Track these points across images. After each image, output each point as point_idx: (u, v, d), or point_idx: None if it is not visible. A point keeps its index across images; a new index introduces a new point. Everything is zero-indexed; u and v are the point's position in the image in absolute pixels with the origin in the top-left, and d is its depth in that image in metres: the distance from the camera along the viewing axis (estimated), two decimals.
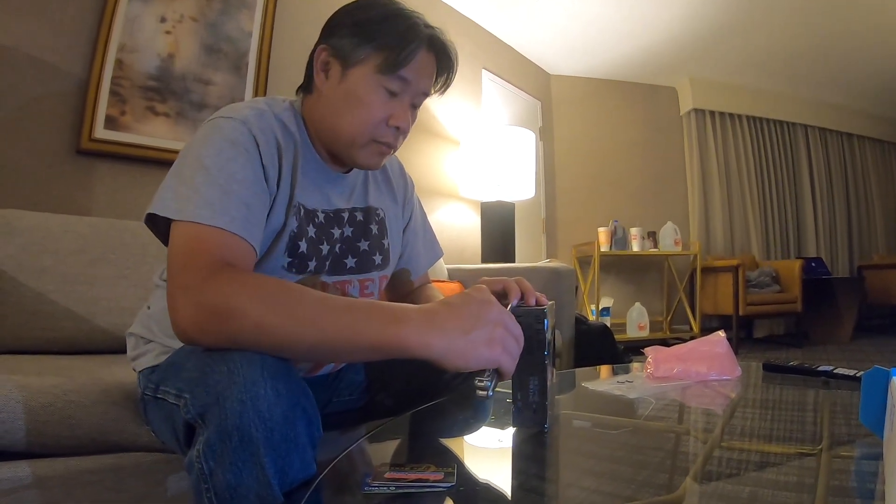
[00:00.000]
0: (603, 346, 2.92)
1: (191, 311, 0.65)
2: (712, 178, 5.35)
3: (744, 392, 1.06)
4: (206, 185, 0.74)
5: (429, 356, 0.66)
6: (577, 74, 5.04)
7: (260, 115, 0.85)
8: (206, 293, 0.65)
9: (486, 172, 3.25)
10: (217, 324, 0.64)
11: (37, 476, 1.04)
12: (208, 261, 0.69)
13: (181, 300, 0.66)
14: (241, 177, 0.77)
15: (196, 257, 0.69)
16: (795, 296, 4.68)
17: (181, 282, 0.68)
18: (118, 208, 2.11)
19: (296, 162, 0.89)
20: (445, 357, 0.66)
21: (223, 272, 0.68)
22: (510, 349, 0.68)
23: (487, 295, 0.71)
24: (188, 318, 0.65)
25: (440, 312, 0.68)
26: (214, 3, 2.42)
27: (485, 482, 0.63)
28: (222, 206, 0.73)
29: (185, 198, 0.73)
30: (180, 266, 0.69)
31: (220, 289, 0.65)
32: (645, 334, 4.40)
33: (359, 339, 0.65)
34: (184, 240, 0.72)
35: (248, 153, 0.80)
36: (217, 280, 0.66)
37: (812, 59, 4.85)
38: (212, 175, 0.75)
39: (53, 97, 2.02)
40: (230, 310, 0.63)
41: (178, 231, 0.73)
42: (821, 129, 5.95)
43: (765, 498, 0.52)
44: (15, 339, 1.52)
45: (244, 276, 0.69)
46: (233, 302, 0.64)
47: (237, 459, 0.59)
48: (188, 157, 0.78)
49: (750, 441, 0.75)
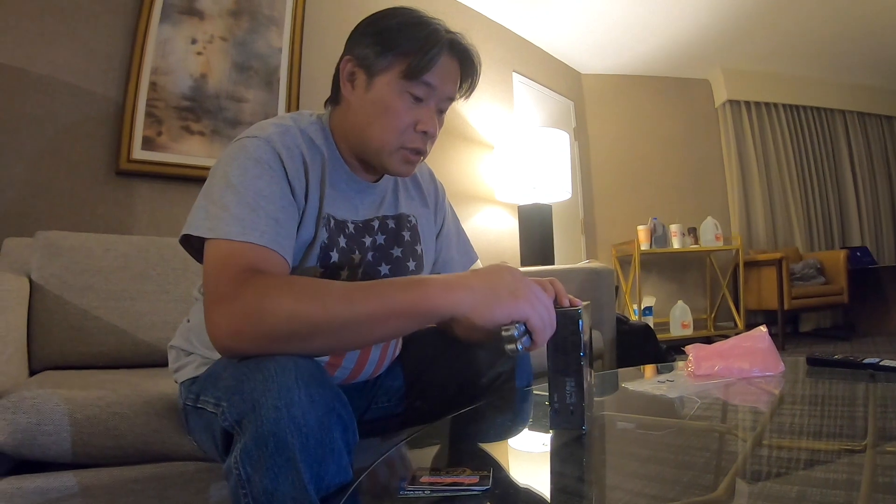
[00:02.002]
0: (645, 346, 2.89)
1: (226, 321, 0.67)
2: (751, 170, 5.23)
3: (787, 388, 1.02)
4: (234, 203, 0.76)
5: (456, 313, 0.68)
6: (607, 72, 4.99)
7: (285, 132, 0.87)
8: (239, 299, 0.67)
9: (522, 175, 3.24)
10: (252, 325, 0.65)
11: (83, 486, 1.07)
12: (239, 272, 0.71)
13: (216, 312, 0.68)
14: (268, 193, 0.79)
15: (228, 270, 0.71)
16: (841, 287, 4.53)
17: (215, 295, 0.70)
18: (158, 226, 2.17)
19: (323, 174, 0.91)
20: (472, 312, 0.69)
21: (253, 278, 0.70)
22: (539, 308, 0.71)
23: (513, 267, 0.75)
24: (224, 327, 0.67)
25: (465, 275, 0.73)
26: (243, 22, 2.47)
27: (521, 485, 0.62)
28: (252, 223, 0.75)
29: (216, 216, 0.76)
30: (214, 281, 0.72)
31: (252, 292, 0.67)
32: (689, 333, 4.31)
33: (387, 308, 0.67)
34: (216, 257, 0.74)
35: (273, 170, 0.82)
36: (248, 286, 0.68)
37: (845, 41, 4.71)
38: (239, 193, 0.77)
39: (91, 121, 2.09)
40: (262, 309, 0.65)
41: (211, 249, 0.75)
42: (859, 113, 5.76)
43: (813, 497, 0.50)
44: (61, 356, 1.57)
45: (273, 278, 0.71)
46: (265, 301, 0.66)
47: (273, 465, 0.59)
48: (216, 177, 0.81)
49: (795, 438, 0.72)
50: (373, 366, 1.01)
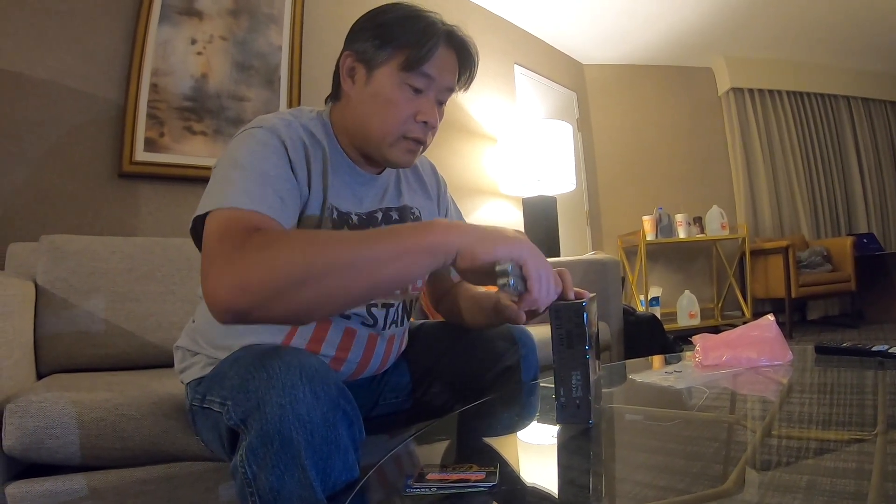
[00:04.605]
0: (652, 337, 2.88)
1: (230, 276, 0.63)
2: (756, 158, 5.20)
3: (796, 377, 1.02)
4: (241, 179, 0.76)
5: (461, 246, 0.71)
6: (610, 62, 4.96)
7: (287, 124, 0.88)
8: (246, 250, 0.65)
9: (526, 168, 3.23)
10: (259, 275, 0.63)
11: (92, 488, 1.07)
12: (244, 230, 0.69)
13: (218, 268, 0.65)
14: (275, 173, 0.80)
15: (232, 229, 0.70)
16: (848, 274, 4.51)
17: (217, 252, 0.67)
18: (163, 227, 2.17)
19: (325, 167, 0.92)
20: (476, 244, 0.71)
21: (258, 233, 0.69)
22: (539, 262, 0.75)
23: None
24: (226, 286, 0.63)
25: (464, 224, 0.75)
26: (242, 21, 2.46)
27: (527, 481, 0.62)
28: (259, 196, 0.75)
29: (222, 192, 0.75)
30: (216, 240, 0.69)
31: (259, 241, 0.66)
32: (696, 322, 4.29)
33: (397, 246, 0.68)
34: (220, 220, 0.72)
35: (279, 155, 0.83)
36: (253, 238, 0.67)
37: (848, 26, 4.66)
38: (246, 171, 0.77)
39: (93, 124, 2.09)
40: (267, 258, 0.64)
41: (215, 216, 0.73)
42: (863, 98, 5.71)
43: (823, 486, 0.50)
44: (68, 359, 1.57)
45: (279, 231, 0.71)
46: (273, 248, 0.65)
47: (279, 462, 0.59)
48: (223, 162, 0.81)
49: (804, 427, 0.72)
50: (378, 360, 1.01)
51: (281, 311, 0.64)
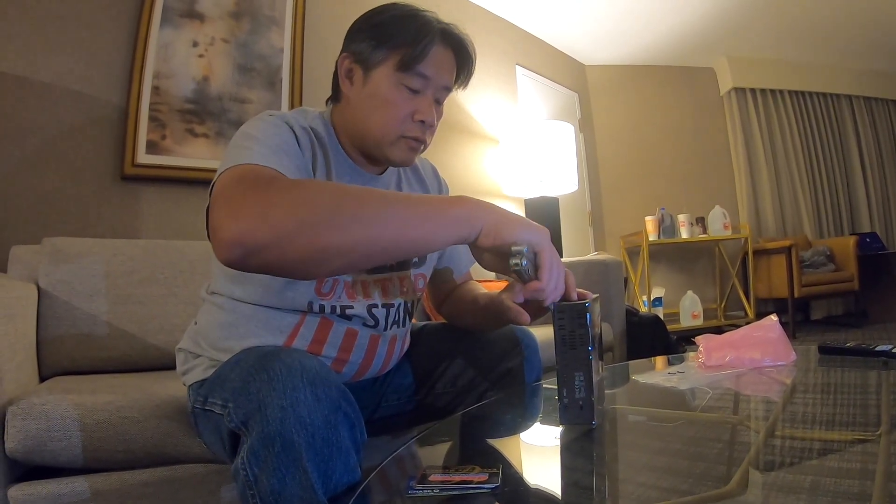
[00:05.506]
0: (655, 337, 2.87)
1: (248, 210, 0.63)
2: (758, 158, 5.19)
3: (799, 377, 1.02)
4: (258, 146, 0.77)
5: (486, 222, 0.72)
6: (611, 63, 4.96)
7: (294, 119, 0.90)
8: (267, 190, 0.65)
9: (528, 169, 3.23)
10: (284, 208, 0.62)
11: (94, 490, 1.08)
12: (265, 178, 0.69)
13: (234, 204, 0.64)
14: (287, 148, 0.81)
15: (251, 175, 0.70)
16: (851, 274, 4.50)
17: (233, 192, 0.66)
18: (165, 229, 2.17)
19: (328, 164, 0.92)
20: (499, 225, 0.72)
21: (281, 178, 0.70)
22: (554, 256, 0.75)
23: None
24: (245, 216, 0.62)
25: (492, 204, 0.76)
26: (243, 24, 2.46)
27: (530, 482, 0.61)
28: (276, 159, 0.76)
29: (238, 156, 0.74)
30: (234, 182, 0.68)
31: (283, 186, 0.67)
32: (699, 323, 4.29)
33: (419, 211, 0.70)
34: (237, 171, 0.71)
35: (291, 136, 0.85)
36: (277, 183, 0.68)
37: (850, 25, 4.65)
38: (262, 142, 0.78)
39: (95, 127, 2.09)
40: (294, 195, 0.64)
41: (228, 171, 0.72)
42: (865, 98, 5.69)
43: (827, 486, 0.49)
44: (70, 361, 1.57)
45: (303, 179, 0.73)
46: (297, 189, 0.66)
47: (280, 465, 0.59)
48: (237, 138, 0.82)
49: (807, 428, 0.71)
50: (380, 362, 1.01)
51: (294, 254, 0.62)
